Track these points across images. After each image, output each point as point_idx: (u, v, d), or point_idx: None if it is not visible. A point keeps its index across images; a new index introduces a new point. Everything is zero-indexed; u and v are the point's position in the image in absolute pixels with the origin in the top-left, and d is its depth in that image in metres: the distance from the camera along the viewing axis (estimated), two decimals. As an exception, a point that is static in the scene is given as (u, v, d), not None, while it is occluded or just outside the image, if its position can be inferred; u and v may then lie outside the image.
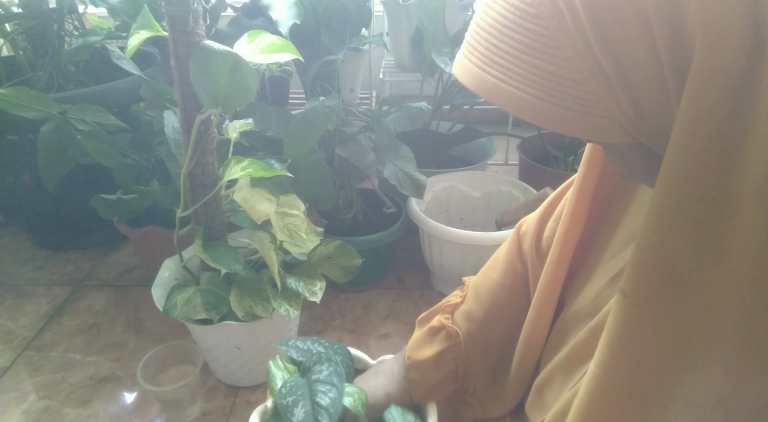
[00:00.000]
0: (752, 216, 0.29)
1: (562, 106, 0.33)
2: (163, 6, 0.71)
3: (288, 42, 0.73)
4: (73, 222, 1.37)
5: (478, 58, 0.35)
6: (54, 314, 1.20)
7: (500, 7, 0.34)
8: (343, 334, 1.13)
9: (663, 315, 0.34)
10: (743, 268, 0.30)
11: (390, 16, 1.44)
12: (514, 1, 0.33)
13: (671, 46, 0.29)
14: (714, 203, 0.30)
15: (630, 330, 0.36)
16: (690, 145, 0.30)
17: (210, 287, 0.87)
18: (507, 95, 0.34)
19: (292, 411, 0.55)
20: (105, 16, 1.38)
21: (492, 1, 0.35)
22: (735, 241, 0.30)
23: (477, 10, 0.37)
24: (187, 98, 0.76)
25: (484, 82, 0.35)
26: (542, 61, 0.32)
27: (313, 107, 0.97)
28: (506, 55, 0.34)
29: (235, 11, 1.31)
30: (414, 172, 1.08)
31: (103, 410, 0.97)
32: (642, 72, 0.30)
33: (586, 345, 0.47)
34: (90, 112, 1.09)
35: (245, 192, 0.76)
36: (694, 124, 0.29)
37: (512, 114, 0.35)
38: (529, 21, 0.32)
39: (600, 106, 0.32)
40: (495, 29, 0.34)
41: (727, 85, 0.28)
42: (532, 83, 0.33)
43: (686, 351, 0.33)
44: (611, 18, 0.30)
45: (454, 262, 1.12)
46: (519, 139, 1.53)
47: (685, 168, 0.30)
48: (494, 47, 0.34)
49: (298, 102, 1.85)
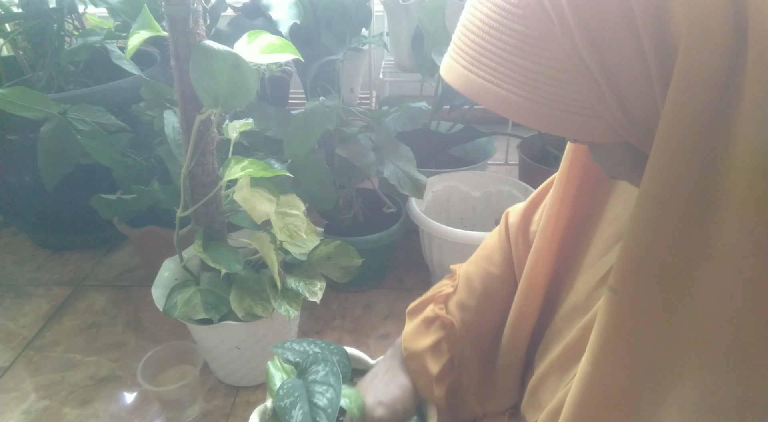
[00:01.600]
0: (738, 214, 0.29)
1: (550, 106, 0.33)
2: (163, 6, 0.71)
3: (288, 42, 0.73)
4: (73, 222, 1.37)
5: (466, 60, 0.36)
6: (54, 314, 1.20)
7: (487, 9, 0.34)
8: (343, 334, 1.13)
9: (651, 313, 0.34)
10: (730, 266, 0.30)
11: (390, 16, 1.44)
12: (501, 3, 0.33)
13: (656, 46, 0.29)
14: (699, 201, 0.30)
15: (619, 327, 0.36)
16: (674, 144, 0.30)
17: (210, 287, 0.87)
18: (495, 96, 0.34)
19: (291, 413, 0.55)
20: (105, 16, 1.38)
21: (478, 2, 0.35)
22: (721, 239, 0.30)
23: (464, 12, 0.37)
24: (187, 98, 0.76)
25: (472, 84, 0.35)
26: (530, 62, 0.32)
27: (313, 107, 0.97)
28: (494, 56, 0.34)
29: (235, 11, 1.31)
30: (414, 172, 1.08)
31: (103, 410, 0.97)
32: (628, 72, 0.30)
33: (578, 343, 0.47)
34: (90, 112, 1.09)
35: (245, 192, 0.76)
36: (678, 123, 0.29)
37: (501, 115, 0.35)
38: (516, 22, 0.32)
39: (587, 106, 0.32)
40: (482, 31, 0.34)
41: (710, 85, 0.28)
42: (519, 84, 0.33)
43: (677, 348, 0.34)
44: (597, 18, 0.30)
45: (454, 262, 1.12)
46: (519, 139, 1.53)
47: (670, 167, 0.30)
48: (481, 48, 0.34)
49: (298, 102, 1.85)
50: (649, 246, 0.33)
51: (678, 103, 0.29)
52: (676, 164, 0.30)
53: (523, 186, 1.24)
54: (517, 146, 1.52)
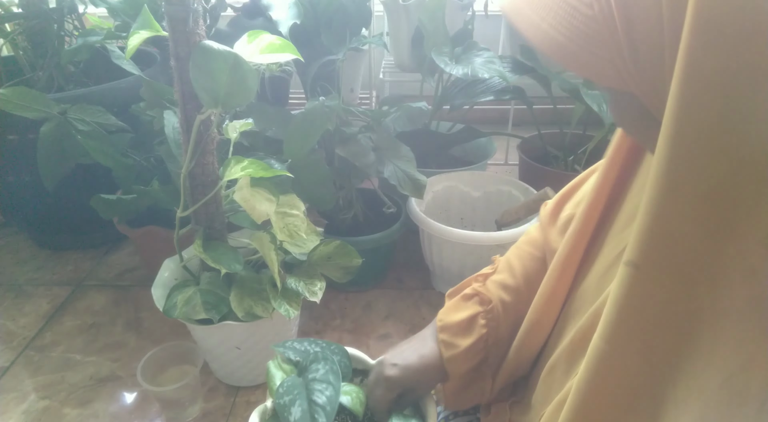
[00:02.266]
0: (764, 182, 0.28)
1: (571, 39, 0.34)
2: (163, 6, 0.71)
3: (288, 42, 0.73)
4: (73, 222, 1.37)
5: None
6: (54, 314, 1.20)
7: None
8: (343, 334, 1.13)
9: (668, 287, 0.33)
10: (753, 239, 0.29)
11: (390, 16, 1.45)
12: None
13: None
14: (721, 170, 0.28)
15: (635, 301, 0.35)
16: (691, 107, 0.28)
17: (210, 287, 0.87)
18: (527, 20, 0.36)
19: (290, 411, 0.55)
20: (105, 16, 1.38)
21: None
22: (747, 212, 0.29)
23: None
24: (187, 98, 0.76)
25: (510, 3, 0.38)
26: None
27: (313, 107, 0.97)
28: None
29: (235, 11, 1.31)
30: (414, 172, 1.08)
31: (103, 410, 0.97)
32: (644, 19, 0.31)
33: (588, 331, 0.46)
34: (90, 112, 1.10)
35: (245, 192, 0.76)
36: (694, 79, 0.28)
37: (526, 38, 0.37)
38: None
39: (603, 47, 0.33)
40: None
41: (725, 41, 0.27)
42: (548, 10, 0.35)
43: (694, 324, 0.33)
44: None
45: (454, 262, 1.13)
46: (519, 139, 1.53)
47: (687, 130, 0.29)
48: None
49: (298, 102, 1.85)
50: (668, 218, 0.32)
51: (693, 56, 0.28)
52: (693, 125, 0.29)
53: (523, 186, 1.24)
54: (517, 146, 1.52)
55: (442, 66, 1.15)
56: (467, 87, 1.33)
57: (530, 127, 1.50)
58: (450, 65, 1.15)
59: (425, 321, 1.17)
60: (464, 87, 1.34)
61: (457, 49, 1.22)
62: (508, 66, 1.29)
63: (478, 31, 1.35)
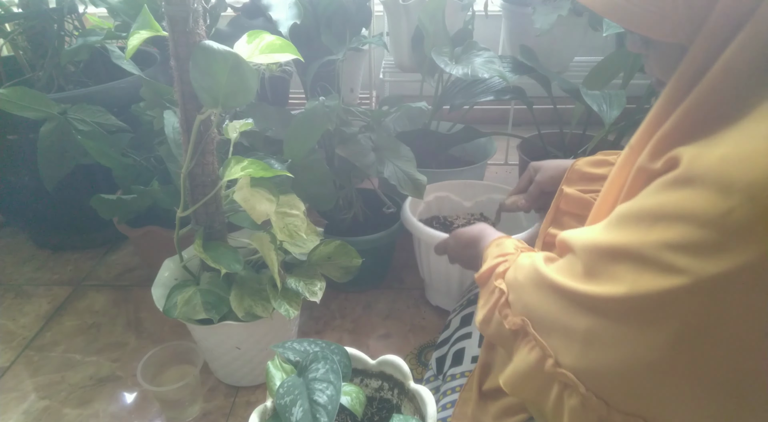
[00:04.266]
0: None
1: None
2: (163, 6, 0.71)
3: (288, 42, 0.73)
4: (73, 222, 1.37)
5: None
6: (54, 314, 1.20)
7: None
8: (343, 334, 1.13)
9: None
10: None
11: (390, 16, 1.44)
12: None
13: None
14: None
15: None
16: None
17: (210, 287, 0.87)
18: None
19: (291, 411, 0.55)
20: (105, 16, 1.39)
21: None
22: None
23: None
24: (187, 98, 0.76)
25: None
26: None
27: (313, 107, 0.97)
28: None
29: (235, 11, 1.31)
30: (414, 172, 1.08)
31: (103, 410, 0.97)
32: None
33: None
34: (90, 112, 1.10)
35: (245, 192, 0.76)
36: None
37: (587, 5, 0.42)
38: None
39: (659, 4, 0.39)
40: None
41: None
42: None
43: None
44: None
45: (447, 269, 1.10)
46: (519, 139, 1.53)
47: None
48: None
49: (298, 102, 1.85)
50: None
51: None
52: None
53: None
54: (517, 146, 1.52)
55: (442, 66, 1.15)
56: (467, 87, 1.33)
57: (530, 127, 1.50)
58: (450, 65, 1.15)
59: (425, 321, 1.17)
60: (464, 87, 1.34)
61: (457, 49, 1.22)
62: (508, 66, 1.29)
63: (478, 31, 1.35)
